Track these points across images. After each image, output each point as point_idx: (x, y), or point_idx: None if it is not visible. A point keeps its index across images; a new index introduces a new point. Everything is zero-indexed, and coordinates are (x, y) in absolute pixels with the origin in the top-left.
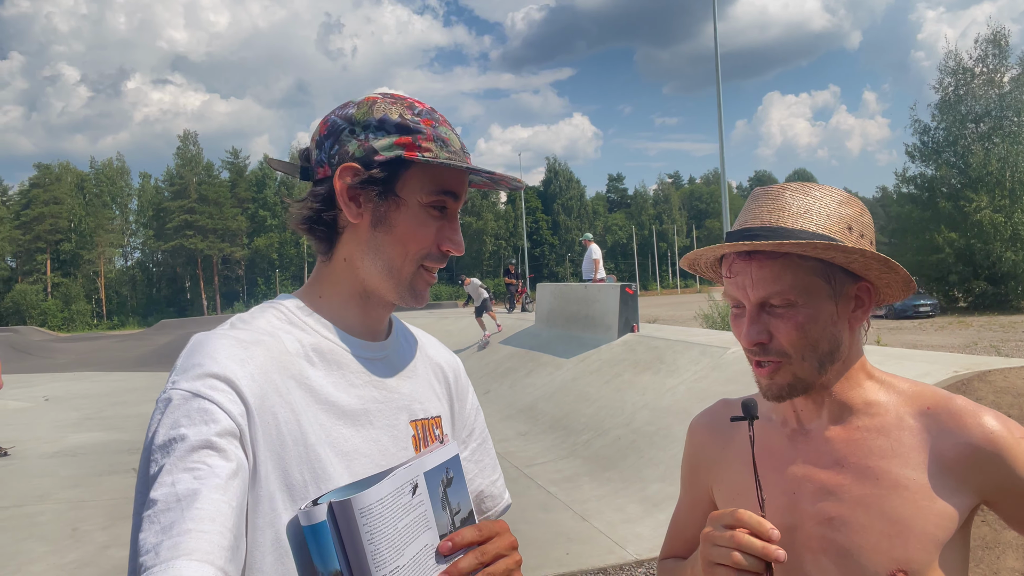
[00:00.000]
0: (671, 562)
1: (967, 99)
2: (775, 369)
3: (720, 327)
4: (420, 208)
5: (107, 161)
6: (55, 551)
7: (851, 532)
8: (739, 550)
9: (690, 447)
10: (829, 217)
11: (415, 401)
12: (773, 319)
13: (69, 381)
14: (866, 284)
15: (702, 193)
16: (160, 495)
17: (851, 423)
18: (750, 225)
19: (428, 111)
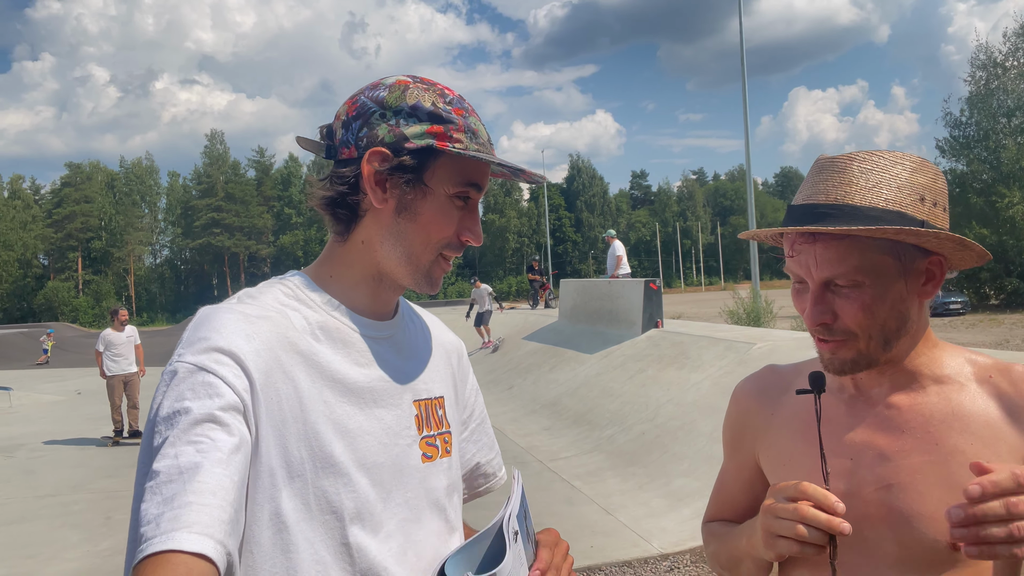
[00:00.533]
0: (717, 525)
1: (999, 93)
2: (839, 346)
3: (745, 323)
4: (446, 198)
5: (136, 160)
6: (89, 539)
7: (910, 499)
8: (803, 522)
9: (735, 412)
10: (900, 189)
11: (419, 381)
12: (838, 299)
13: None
14: (938, 257)
15: (727, 190)
16: (163, 467)
17: (912, 389)
18: (815, 201)
19: (458, 99)
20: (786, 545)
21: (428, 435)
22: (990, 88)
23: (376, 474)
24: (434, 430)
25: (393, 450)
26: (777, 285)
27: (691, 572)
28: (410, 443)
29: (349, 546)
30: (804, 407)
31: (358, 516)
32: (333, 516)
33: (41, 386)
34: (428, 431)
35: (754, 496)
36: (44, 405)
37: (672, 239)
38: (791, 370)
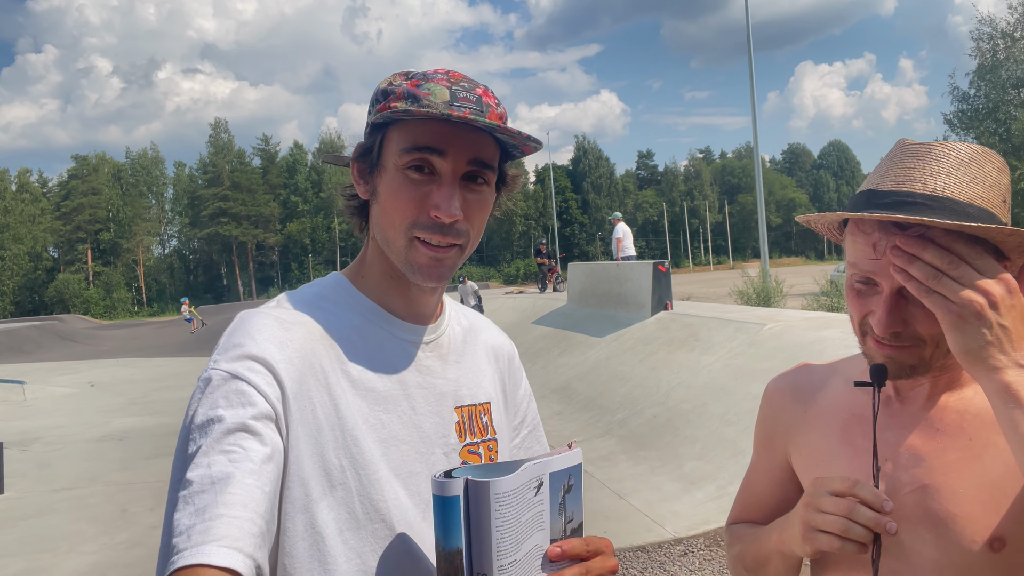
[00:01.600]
0: (743, 527)
1: (1007, 64)
2: (901, 351)
3: (755, 303)
4: (396, 171)
5: (142, 151)
6: (106, 532)
7: (945, 500)
8: (849, 518)
9: (767, 410)
10: (991, 188)
11: (462, 387)
12: (912, 306)
13: (113, 367)
14: (1005, 263)
15: (734, 168)
16: (196, 476)
17: (951, 389)
18: (910, 189)
19: (425, 74)
20: (827, 540)
21: (471, 443)
22: (998, 59)
23: (413, 484)
24: (477, 437)
25: (430, 459)
26: (786, 263)
27: (705, 556)
28: (448, 452)
29: (400, 554)
30: (839, 405)
31: (407, 525)
32: (383, 524)
33: (55, 379)
34: (471, 438)
35: (783, 497)
36: (58, 398)
37: (680, 219)
38: (825, 368)
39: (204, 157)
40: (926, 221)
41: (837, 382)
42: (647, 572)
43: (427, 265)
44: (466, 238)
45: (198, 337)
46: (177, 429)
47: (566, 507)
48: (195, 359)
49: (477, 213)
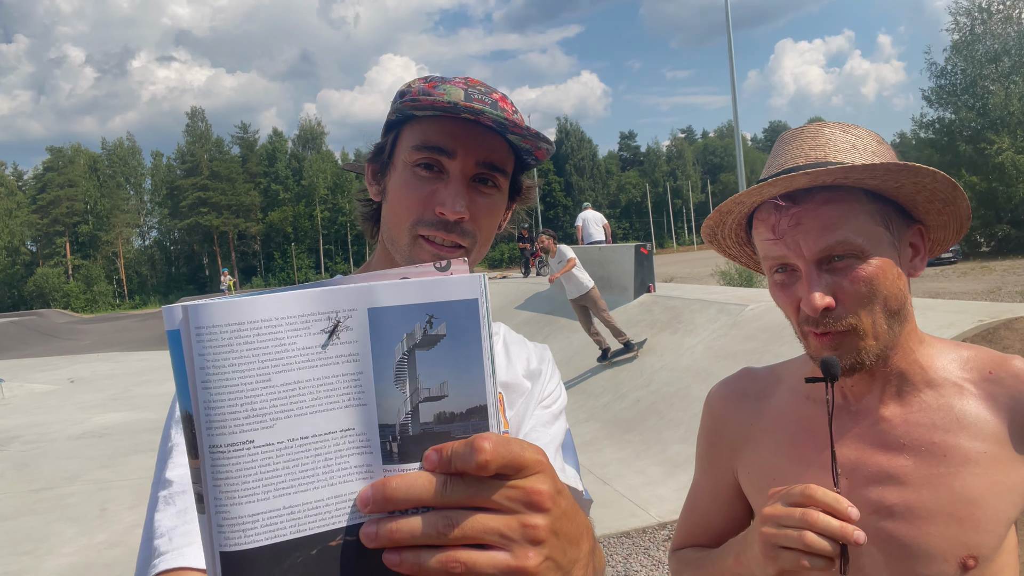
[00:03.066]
0: (690, 552)
1: (985, 39)
2: (841, 338)
3: (738, 283)
4: (406, 168)
5: (118, 141)
6: (85, 532)
7: (916, 520)
8: (812, 530)
9: (709, 422)
10: (875, 154)
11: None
12: (835, 276)
13: (94, 362)
14: (919, 227)
15: (716, 147)
16: (176, 476)
17: (909, 397)
18: (793, 164)
19: (441, 77)
20: (790, 557)
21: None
22: (975, 34)
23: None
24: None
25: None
26: None
27: None
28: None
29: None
30: (786, 417)
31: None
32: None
33: (33, 375)
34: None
35: (733, 517)
36: (37, 395)
37: (663, 199)
38: (768, 374)
39: (182, 146)
40: (809, 173)
41: (782, 391)
42: (631, 558)
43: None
44: (472, 240)
45: None
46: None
47: (418, 372)
48: None
49: (485, 216)
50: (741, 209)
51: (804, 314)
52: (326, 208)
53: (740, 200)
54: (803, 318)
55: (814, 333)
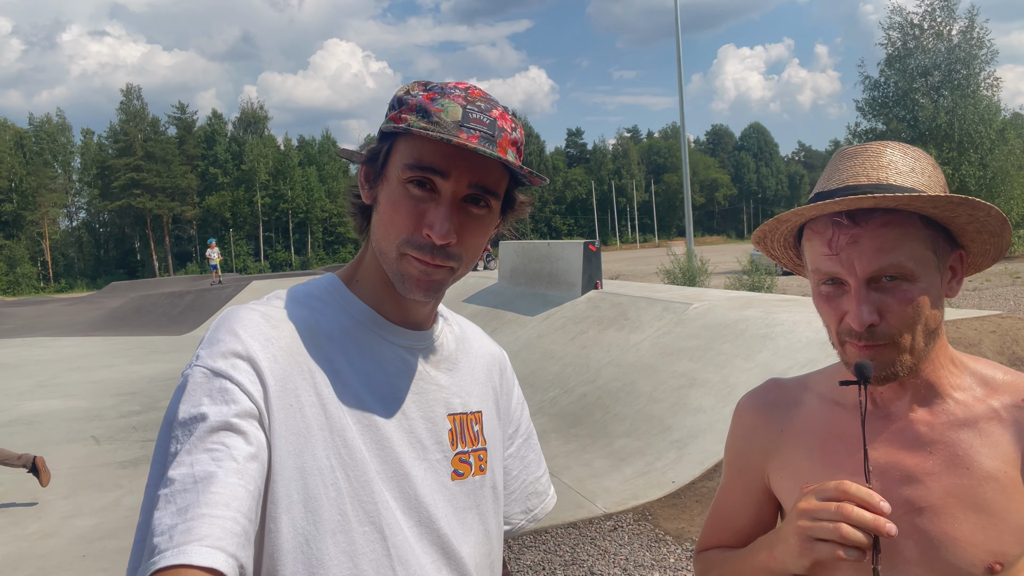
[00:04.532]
0: (716, 552)
1: (916, 53)
2: (881, 350)
3: (681, 282)
4: (398, 184)
5: (46, 117)
6: (16, 522)
7: (944, 522)
8: (847, 523)
9: (740, 430)
10: (931, 177)
11: (454, 395)
12: (884, 296)
13: (19, 347)
14: (961, 252)
15: (660, 147)
16: (178, 475)
17: (937, 407)
18: (855, 183)
19: (443, 87)
20: (826, 549)
21: (462, 451)
22: (907, 49)
23: (407, 487)
24: (468, 446)
25: (422, 464)
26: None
27: (634, 531)
28: (441, 459)
29: (392, 559)
30: (816, 424)
31: (398, 529)
32: (372, 527)
33: None
34: (463, 447)
35: (760, 520)
36: None
37: (608, 197)
38: (796, 385)
39: (115, 125)
40: (876, 198)
41: (810, 399)
42: (579, 548)
43: (417, 278)
44: (458, 262)
45: (108, 315)
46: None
47: None
48: (108, 338)
49: (472, 236)
50: (799, 220)
51: (847, 326)
52: (267, 194)
53: (801, 213)
54: (845, 329)
55: (854, 344)
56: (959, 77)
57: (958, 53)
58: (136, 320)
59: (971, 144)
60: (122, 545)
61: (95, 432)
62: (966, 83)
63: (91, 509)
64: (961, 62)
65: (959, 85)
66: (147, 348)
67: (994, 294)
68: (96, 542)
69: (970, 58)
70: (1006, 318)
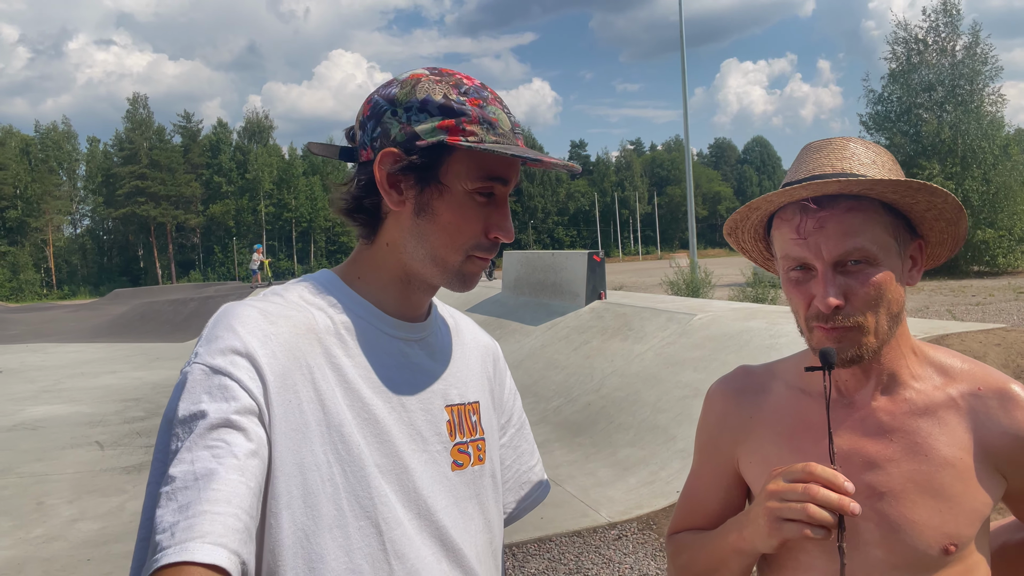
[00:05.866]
0: (688, 535)
1: (920, 69)
2: (845, 333)
3: (685, 293)
4: (465, 195)
5: (52, 125)
6: (21, 526)
7: (903, 506)
8: (813, 503)
9: (710, 416)
10: (891, 171)
11: (451, 386)
12: (848, 279)
13: (22, 353)
14: (920, 242)
15: (663, 160)
16: (179, 472)
17: (898, 396)
18: (820, 172)
19: (476, 88)
20: (793, 528)
21: (460, 442)
22: (911, 64)
23: (406, 481)
24: (467, 437)
25: (422, 456)
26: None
27: (638, 540)
28: (440, 450)
29: (387, 553)
30: (785, 412)
31: (396, 523)
32: (369, 522)
33: None
34: (461, 437)
35: (729, 503)
36: None
37: (611, 209)
38: (764, 372)
39: (120, 133)
40: (841, 182)
41: (779, 387)
42: (583, 556)
43: (476, 274)
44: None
45: (112, 321)
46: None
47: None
48: (111, 344)
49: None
50: (768, 207)
51: (814, 310)
52: (271, 203)
53: (770, 199)
54: (812, 313)
55: (821, 327)
56: (963, 93)
57: (962, 69)
58: (140, 327)
59: (974, 160)
60: (126, 549)
61: (99, 437)
62: (970, 99)
63: (95, 514)
64: (965, 78)
65: (963, 101)
66: (150, 355)
67: (998, 309)
68: (100, 546)
69: (974, 74)
70: (1011, 331)
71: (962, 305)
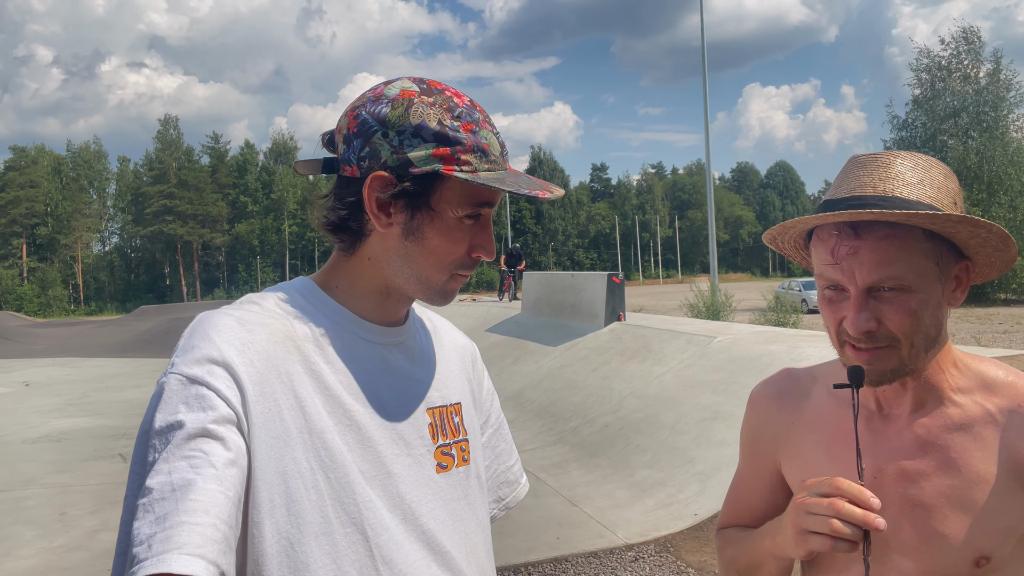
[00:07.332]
0: (734, 531)
1: (944, 95)
2: (879, 354)
3: (705, 316)
4: (455, 220)
5: (84, 144)
6: (44, 535)
7: (934, 520)
8: (838, 518)
9: (754, 418)
10: (939, 189)
11: (432, 389)
12: (882, 304)
13: (49, 367)
14: (966, 263)
15: (685, 184)
16: (156, 483)
17: (936, 411)
18: (861, 193)
19: (467, 109)
20: (819, 541)
21: (443, 444)
22: (936, 90)
23: (390, 486)
24: (450, 438)
25: (406, 460)
26: (733, 279)
27: (655, 562)
28: (424, 453)
29: (375, 559)
30: (824, 417)
31: (383, 528)
32: (355, 529)
33: None
34: (443, 439)
35: (773, 502)
36: None
37: (631, 232)
38: (807, 375)
39: (151, 153)
40: (875, 213)
41: (819, 391)
42: None
43: (456, 290)
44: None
45: (137, 337)
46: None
47: None
48: (136, 360)
49: None
50: (804, 227)
51: (846, 330)
52: (295, 223)
53: (805, 221)
54: (843, 332)
55: (852, 345)
56: (988, 120)
57: (986, 95)
58: (165, 342)
59: (1000, 187)
60: None
61: (122, 450)
62: (995, 125)
63: (117, 524)
64: (989, 104)
65: (988, 127)
66: None
67: None
68: None
69: (998, 100)
70: None
71: (989, 333)
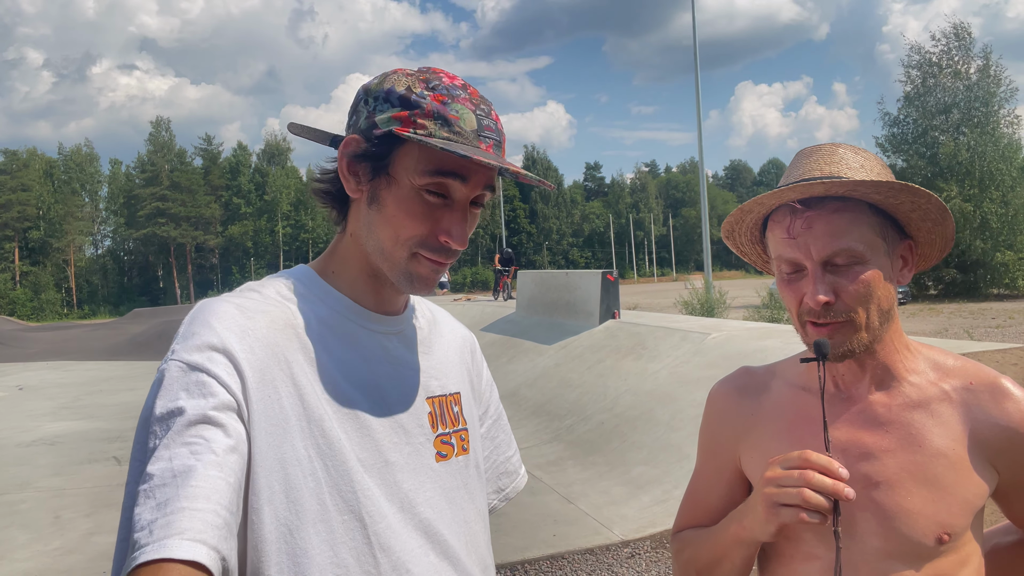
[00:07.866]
0: (691, 532)
1: (936, 91)
2: (837, 328)
3: (699, 313)
4: (412, 190)
5: (75, 147)
6: (39, 538)
7: (898, 496)
8: (809, 488)
9: (713, 415)
10: (878, 175)
11: (432, 378)
12: (838, 277)
13: (42, 370)
14: (909, 242)
15: (678, 182)
16: (157, 469)
17: (894, 389)
18: (812, 175)
19: (448, 86)
20: (790, 513)
21: (443, 433)
22: (927, 86)
23: (387, 474)
24: (449, 427)
25: (405, 449)
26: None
27: (651, 558)
28: (423, 442)
29: (372, 546)
30: (785, 407)
31: (381, 516)
32: (353, 516)
33: None
34: (443, 428)
35: (731, 500)
36: None
37: (625, 230)
38: (765, 371)
39: (142, 155)
40: (826, 183)
41: (779, 384)
42: (595, 574)
43: (427, 276)
44: (457, 256)
45: (130, 340)
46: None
47: None
48: (130, 363)
49: (470, 232)
50: (760, 210)
51: (806, 307)
52: (288, 224)
53: (761, 201)
54: (805, 310)
55: (812, 323)
56: (978, 115)
57: (976, 91)
58: (158, 345)
59: (992, 182)
60: None
61: (116, 453)
62: (985, 121)
63: (112, 527)
64: (980, 100)
65: (979, 123)
66: None
67: (1018, 331)
68: None
69: (988, 96)
70: None
71: (981, 327)
